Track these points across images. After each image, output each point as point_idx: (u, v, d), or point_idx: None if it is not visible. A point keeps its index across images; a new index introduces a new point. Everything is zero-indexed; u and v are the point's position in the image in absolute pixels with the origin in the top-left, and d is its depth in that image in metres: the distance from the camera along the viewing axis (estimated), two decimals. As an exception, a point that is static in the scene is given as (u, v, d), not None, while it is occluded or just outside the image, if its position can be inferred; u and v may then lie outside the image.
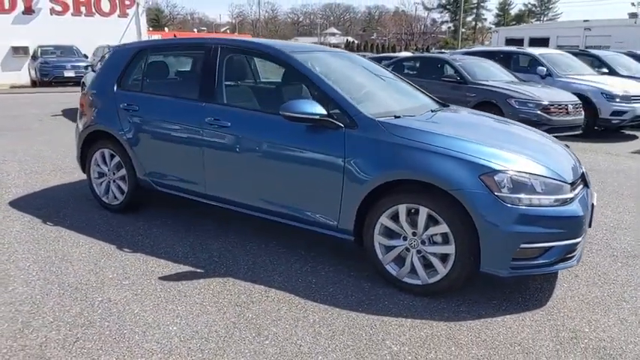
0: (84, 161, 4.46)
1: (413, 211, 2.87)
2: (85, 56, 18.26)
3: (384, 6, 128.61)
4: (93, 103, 4.31)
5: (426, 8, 71.94)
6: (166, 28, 62.87)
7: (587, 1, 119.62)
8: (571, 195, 2.81)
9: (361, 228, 3.07)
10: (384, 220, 2.95)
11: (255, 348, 2.42)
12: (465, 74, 8.52)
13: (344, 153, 3.00)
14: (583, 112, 8.07)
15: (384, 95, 3.83)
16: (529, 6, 72.48)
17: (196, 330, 2.56)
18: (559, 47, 48.21)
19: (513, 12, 72.69)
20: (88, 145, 4.35)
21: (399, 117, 3.17)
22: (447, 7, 68.75)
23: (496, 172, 2.68)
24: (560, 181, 2.79)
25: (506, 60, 10.21)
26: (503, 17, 70.86)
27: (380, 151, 2.92)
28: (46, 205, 4.49)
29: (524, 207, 2.65)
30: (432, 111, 3.63)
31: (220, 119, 3.48)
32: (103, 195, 4.35)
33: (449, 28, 70.29)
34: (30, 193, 4.86)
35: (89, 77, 10.85)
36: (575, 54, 11.05)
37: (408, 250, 2.94)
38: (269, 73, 4.32)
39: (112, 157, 4.20)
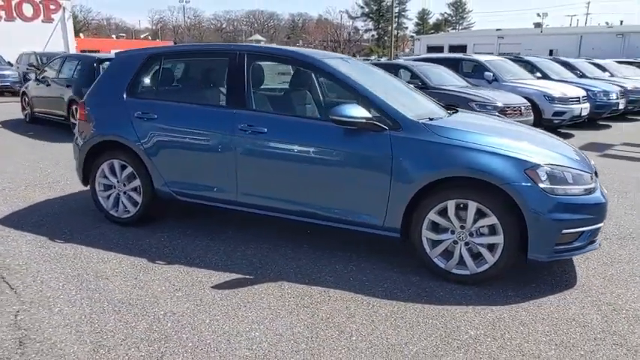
0: (86, 174, 4.23)
1: (462, 205, 3.08)
2: (10, 64, 16.87)
3: (307, 13, 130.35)
4: (97, 112, 4.12)
5: (350, 17, 74.01)
6: (81, 34, 59.40)
7: (497, 12, 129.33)
8: (593, 184, 3.16)
9: (407, 225, 3.23)
10: (433, 215, 3.13)
11: (346, 344, 2.50)
12: (426, 79, 9.00)
13: (391, 154, 3.15)
14: (532, 113, 8.84)
15: (403, 99, 4.04)
16: (445, 15, 76.97)
17: (279, 333, 2.59)
18: (475, 54, 51.57)
19: (432, 21, 76.80)
20: (92, 157, 4.14)
21: (432, 119, 3.38)
22: (371, 15, 71.20)
23: (538, 166, 2.96)
24: (584, 171, 3.14)
25: (455, 65, 10.87)
26: (423, 26, 74.70)
27: (429, 151, 3.10)
28: (44, 222, 4.20)
29: (562, 196, 2.95)
30: (449, 114, 3.88)
31: (255, 125, 3.49)
32: (111, 208, 4.15)
33: (372, 36, 72.75)
34: (17, 211, 4.51)
35: (31, 85, 10.13)
36: (513, 60, 12.01)
37: (455, 242, 3.14)
38: (289, 78, 4.35)
39: (122, 168, 4.03)
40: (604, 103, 10.97)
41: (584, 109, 9.94)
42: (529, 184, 2.92)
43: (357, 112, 3.16)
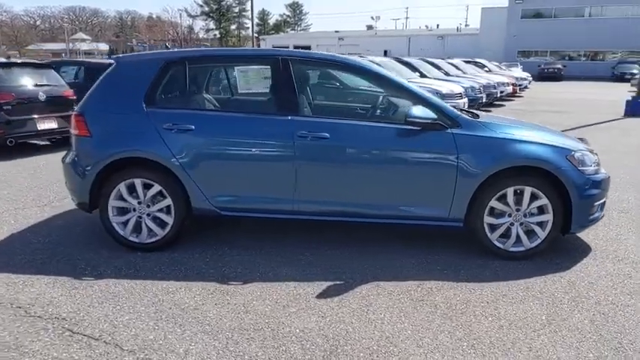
0: (93, 198, 3.66)
1: (518, 191, 3.52)
2: None
3: (136, 11, 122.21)
4: (105, 125, 3.59)
5: (190, 15, 71.59)
6: None
7: (333, 14, 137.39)
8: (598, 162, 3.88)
9: (469, 213, 3.56)
10: (494, 202, 3.52)
11: (484, 328, 2.73)
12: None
13: (456, 151, 3.44)
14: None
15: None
16: (284, 16, 79.40)
17: (419, 326, 2.71)
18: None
19: (272, 22, 78.52)
20: (102, 178, 3.60)
21: (477, 116, 3.76)
22: (211, 14, 69.87)
23: (574, 151, 3.56)
24: (592, 153, 3.83)
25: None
26: (264, 26, 75.96)
27: (490, 145, 3.47)
28: (52, 256, 3.53)
29: (589, 175, 3.59)
30: (470, 113, 4.24)
31: (315, 131, 3.46)
32: (130, 234, 3.67)
33: (215, 35, 71.57)
34: (9, 239, 3.69)
35: None
36: (398, 60, 13.21)
37: (512, 224, 3.58)
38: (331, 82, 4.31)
39: (146, 187, 3.59)
40: (473, 97, 12.77)
41: (465, 103, 11.47)
42: (571, 168, 3.49)
43: (427, 113, 3.39)
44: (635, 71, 30.02)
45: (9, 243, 3.87)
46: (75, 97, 7.76)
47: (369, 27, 65.05)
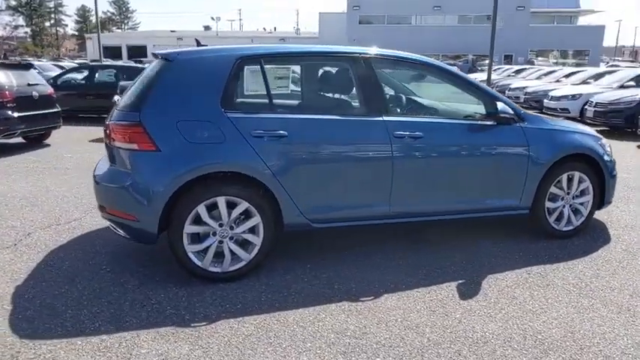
0: (162, 224, 2.99)
1: (569, 177, 3.92)
2: None
3: None
4: (180, 137, 2.96)
5: (-10, 9, 60.60)
6: None
7: (166, 13, 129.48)
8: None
9: (535, 200, 3.85)
10: (553, 188, 3.88)
11: (572, 304, 3.03)
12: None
13: (527, 143, 3.70)
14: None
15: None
16: (108, 14, 72.62)
17: (577, 306, 2.88)
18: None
19: (94, 19, 71.03)
20: (180, 199, 2.97)
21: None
22: (20, 9, 60.33)
23: (601, 138, 4.11)
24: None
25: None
26: (85, 24, 68.41)
27: (550, 137, 3.80)
28: (115, 297, 2.77)
29: (611, 158, 4.17)
30: None
31: (411, 131, 3.37)
32: (210, 264, 3.09)
33: (26, 33, 62.06)
34: (53, 278, 2.74)
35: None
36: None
37: (564, 207, 3.98)
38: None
39: (231, 206, 3.07)
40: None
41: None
42: (604, 153, 4.03)
43: (508, 109, 3.57)
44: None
45: (36, 293, 2.92)
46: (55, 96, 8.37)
47: (207, 27, 63.40)
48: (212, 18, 60.54)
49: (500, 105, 3.55)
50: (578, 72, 15.72)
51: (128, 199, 2.97)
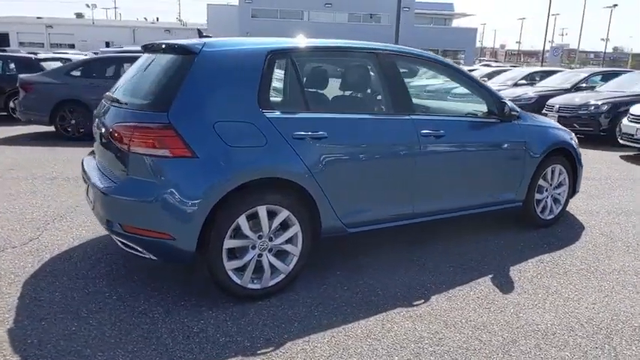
0: (203, 236, 2.60)
1: (552, 169, 4.23)
2: None
3: None
4: (218, 140, 2.59)
5: None
6: None
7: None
8: None
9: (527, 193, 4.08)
10: (540, 181, 4.15)
11: (594, 288, 3.34)
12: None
13: (524, 139, 3.91)
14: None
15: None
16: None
17: (601, 288, 3.12)
18: (21, 45, 45.65)
19: None
20: (218, 211, 2.61)
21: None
22: None
23: (571, 133, 4.51)
24: None
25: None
26: None
27: (540, 133, 4.06)
28: (154, 322, 2.36)
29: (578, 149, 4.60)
30: None
31: (436, 129, 3.36)
32: (249, 281, 2.78)
33: None
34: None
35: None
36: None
37: (547, 197, 4.28)
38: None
39: (271, 215, 2.78)
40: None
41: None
42: (576, 146, 4.42)
43: (515, 106, 3.73)
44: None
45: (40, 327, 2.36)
46: None
47: (79, 15, 57.56)
48: (87, 5, 54.85)
49: (509, 103, 3.70)
50: (473, 71, 17.17)
51: (160, 215, 2.53)
